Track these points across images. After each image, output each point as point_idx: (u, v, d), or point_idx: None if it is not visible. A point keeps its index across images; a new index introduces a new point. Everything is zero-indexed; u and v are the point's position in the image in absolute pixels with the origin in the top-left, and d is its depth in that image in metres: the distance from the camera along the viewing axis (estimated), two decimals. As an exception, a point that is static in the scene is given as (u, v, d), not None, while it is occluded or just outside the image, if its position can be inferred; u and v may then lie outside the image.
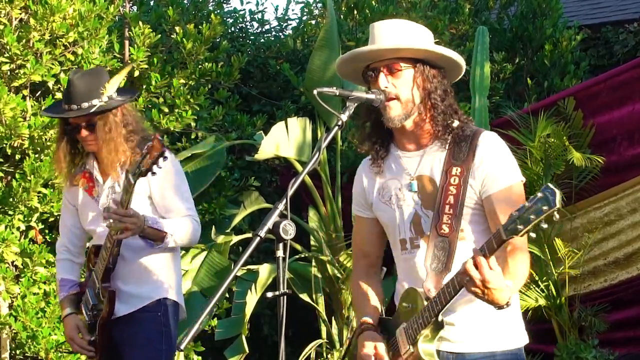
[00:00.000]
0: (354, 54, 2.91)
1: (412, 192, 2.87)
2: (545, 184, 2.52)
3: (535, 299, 5.64)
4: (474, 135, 2.83)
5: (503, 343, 2.85)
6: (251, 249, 2.68)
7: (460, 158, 2.81)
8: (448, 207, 2.79)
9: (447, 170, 2.81)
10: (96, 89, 3.75)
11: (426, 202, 2.85)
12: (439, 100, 2.82)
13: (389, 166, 2.94)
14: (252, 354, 5.95)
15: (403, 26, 2.85)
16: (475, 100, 5.99)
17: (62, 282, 3.98)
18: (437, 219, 2.80)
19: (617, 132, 5.85)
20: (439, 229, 2.79)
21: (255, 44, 7.78)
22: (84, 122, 3.75)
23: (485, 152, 2.80)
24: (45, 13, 5.26)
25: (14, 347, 5.42)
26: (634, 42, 7.68)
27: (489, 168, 2.79)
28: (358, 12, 7.37)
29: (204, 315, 2.66)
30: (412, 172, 2.88)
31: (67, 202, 4.00)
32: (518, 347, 2.89)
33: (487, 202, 2.80)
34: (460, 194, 2.79)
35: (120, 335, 3.80)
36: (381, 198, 2.95)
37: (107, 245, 3.65)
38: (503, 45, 7.50)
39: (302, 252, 6.15)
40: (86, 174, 3.90)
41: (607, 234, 5.84)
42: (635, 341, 5.90)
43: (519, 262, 2.74)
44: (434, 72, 2.83)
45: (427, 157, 2.87)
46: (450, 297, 2.67)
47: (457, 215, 2.78)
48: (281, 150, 6.04)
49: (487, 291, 2.55)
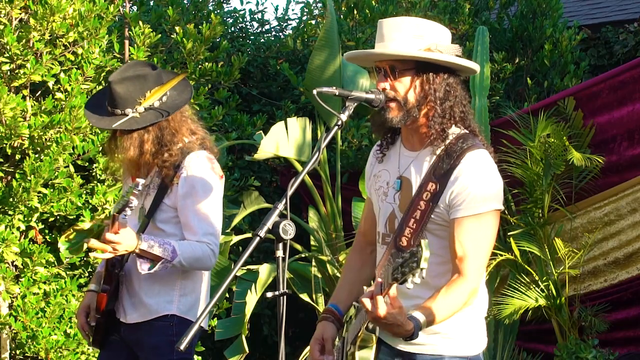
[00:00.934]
0: (357, 55, 2.96)
1: (396, 190, 2.88)
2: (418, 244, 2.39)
3: (535, 299, 5.64)
4: (461, 153, 2.77)
5: (453, 348, 2.85)
6: (251, 249, 2.68)
7: (439, 174, 2.78)
8: (412, 222, 2.79)
9: (423, 184, 2.80)
10: (133, 98, 3.55)
11: (402, 204, 2.86)
12: (437, 103, 2.80)
13: (390, 157, 2.97)
14: (252, 354, 5.96)
15: (410, 26, 2.82)
16: (475, 101, 6.00)
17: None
18: (400, 230, 2.81)
19: (617, 132, 5.85)
20: (399, 240, 2.80)
21: (255, 44, 7.78)
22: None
23: (463, 174, 2.75)
24: (45, 13, 5.26)
25: (14, 347, 5.42)
26: (634, 42, 7.67)
27: (461, 191, 2.74)
28: (358, 12, 7.38)
29: (204, 315, 2.67)
30: (402, 170, 2.90)
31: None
32: (469, 355, 2.87)
33: (451, 224, 2.76)
34: (428, 211, 2.77)
35: (131, 339, 3.80)
36: (373, 185, 3.01)
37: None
38: (503, 45, 7.50)
39: (302, 252, 6.15)
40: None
41: (607, 234, 5.84)
42: (635, 341, 5.90)
43: (450, 293, 2.70)
44: (435, 75, 2.80)
45: (417, 160, 2.87)
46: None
47: (417, 231, 2.77)
48: (281, 150, 6.03)
49: (382, 325, 2.56)
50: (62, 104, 5.36)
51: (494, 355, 5.78)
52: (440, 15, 7.26)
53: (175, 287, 3.69)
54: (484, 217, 2.74)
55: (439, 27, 2.84)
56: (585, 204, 5.89)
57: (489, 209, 2.75)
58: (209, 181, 3.59)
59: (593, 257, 5.88)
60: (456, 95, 2.83)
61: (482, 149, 2.81)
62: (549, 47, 7.23)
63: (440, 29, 2.85)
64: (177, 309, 3.67)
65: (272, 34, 8.35)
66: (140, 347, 3.74)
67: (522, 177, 5.77)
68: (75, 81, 5.41)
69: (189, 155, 3.60)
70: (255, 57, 7.53)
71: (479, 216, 2.73)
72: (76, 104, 5.30)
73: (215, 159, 3.70)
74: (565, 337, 5.77)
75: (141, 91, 3.56)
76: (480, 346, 2.92)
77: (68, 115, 5.28)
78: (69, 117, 5.27)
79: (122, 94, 3.53)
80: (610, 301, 5.88)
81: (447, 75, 2.82)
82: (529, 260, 5.80)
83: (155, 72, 3.64)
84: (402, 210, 2.85)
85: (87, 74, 5.50)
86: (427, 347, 2.85)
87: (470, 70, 2.87)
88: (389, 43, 2.81)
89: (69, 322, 5.36)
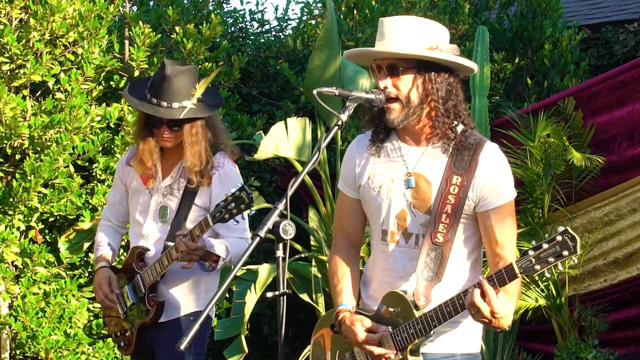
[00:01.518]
0: (360, 53, 2.95)
1: (408, 187, 2.86)
2: (565, 228, 2.52)
3: (535, 299, 5.64)
4: (478, 145, 2.83)
5: (463, 346, 2.88)
6: (251, 248, 2.69)
7: (462, 167, 2.81)
8: (445, 217, 2.80)
9: (447, 178, 2.81)
10: (188, 90, 3.68)
11: (417, 201, 2.85)
12: (440, 102, 2.81)
13: (387, 152, 2.93)
14: (251, 354, 5.95)
15: (412, 25, 2.83)
16: (475, 101, 6.00)
17: (101, 243, 3.97)
18: (432, 227, 2.81)
19: (617, 132, 5.85)
20: (434, 237, 2.80)
21: (255, 44, 7.78)
22: (169, 120, 3.69)
23: (488, 165, 2.81)
24: (45, 13, 5.26)
25: (14, 347, 5.42)
26: (634, 42, 7.67)
27: (490, 183, 2.80)
28: (358, 12, 7.37)
29: (204, 315, 2.67)
30: (411, 167, 2.88)
31: (118, 179, 3.98)
32: (476, 352, 2.92)
33: (484, 217, 2.82)
34: (459, 204, 2.79)
35: (152, 337, 3.81)
36: (370, 183, 2.94)
37: (164, 262, 3.66)
38: (503, 45, 7.50)
39: (302, 252, 6.15)
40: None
41: (607, 234, 5.84)
42: (635, 341, 5.90)
43: (515, 283, 2.74)
44: (436, 74, 2.82)
45: (427, 157, 2.87)
46: (450, 316, 2.70)
47: (452, 225, 2.80)
48: (281, 150, 6.03)
49: (494, 320, 2.59)
50: (62, 104, 5.37)
51: (494, 355, 5.78)
52: (440, 15, 7.26)
53: (202, 284, 3.80)
54: (511, 204, 2.85)
55: (439, 26, 2.85)
56: (585, 204, 5.89)
57: (513, 196, 2.86)
58: (239, 180, 3.73)
59: (593, 257, 5.88)
60: (457, 95, 2.86)
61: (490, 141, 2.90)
62: (549, 47, 7.23)
63: (441, 28, 2.86)
64: (202, 305, 3.78)
65: (272, 34, 8.35)
66: (159, 343, 3.77)
67: (522, 177, 5.77)
68: (75, 81, 5.41)
69: (218, 155, 3.74)
70: (255, 57, 7.53)
71: (508, 204, 2.84)
72: (76, 103, 5.30)
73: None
74: (565, 337, 5.77)
75: (192, 84, 3.69)
76: (479, 346, 2.95)
77: (68, 115, 5.28)
78: (69, 117, 5.27)
79: (178, 86, 3.65)
80: (610, 301, 5.88)
81: (448, 75, 2.84)
82: (529, 260, 5.79)
83: (193, 67, 3.80)
84: (417, 206, 2.84)
85: (87, 74, 5.50)
86: (438, 346, 2.84)
87: (469, 69, 2.89)
88: (392, 41, 2.81)
89: (69, 322, 5.36)
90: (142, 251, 3.82)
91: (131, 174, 3.90)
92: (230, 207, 3.30)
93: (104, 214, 4.10)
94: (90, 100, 5.62)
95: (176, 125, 3.68)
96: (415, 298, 2.78)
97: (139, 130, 3.81)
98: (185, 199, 3.72)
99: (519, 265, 2.52)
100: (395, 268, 2.88)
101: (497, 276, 2.58)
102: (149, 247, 3.80)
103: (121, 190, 3.99)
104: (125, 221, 4.07)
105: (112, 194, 4.05)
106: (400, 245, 2.86)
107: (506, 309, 2.60)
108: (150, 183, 3.82)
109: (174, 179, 3.78)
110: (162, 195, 3.78)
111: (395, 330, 2.80)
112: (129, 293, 3.84)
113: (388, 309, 2.85)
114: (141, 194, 3.86)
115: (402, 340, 2.78)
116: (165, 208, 3.75)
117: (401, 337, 2.78)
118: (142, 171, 3.82)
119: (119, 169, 3.99)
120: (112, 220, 4.04)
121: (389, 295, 2.85)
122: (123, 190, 3.98)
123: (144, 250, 3.81)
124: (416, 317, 2.76)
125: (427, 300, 2.77)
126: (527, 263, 2.50)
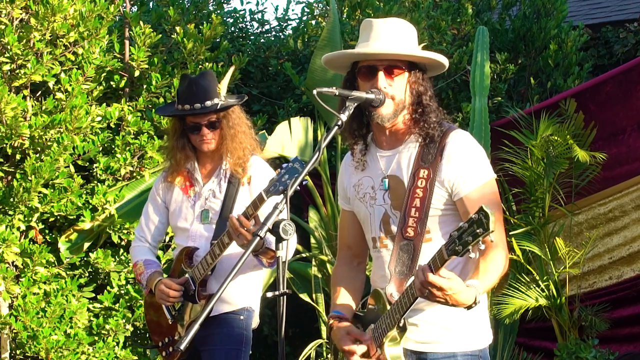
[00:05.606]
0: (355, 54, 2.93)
1: (384, 190, 2.90)
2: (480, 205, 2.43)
3: (536, 298, 5.63)
4: (443, 135, 2.85)
5: (464, 344, 2.88)
6: (251, 248, 2.69)
7: (429, 160, 2.84)
8: (414, 210, 2.82)
9: (414, 173, 2.85)
10: (214, 89, 3.87)
11: (395, 202, 2.88)
12: (430, 101, 2.88)
13: (367, 163, 2.99)
14: (252, 354, 5.94)
15: (398, 27, 2.89)
16: (475, 100, 5.99)
17: (147, 262, 4.01)
18: (403, 222, 2.83)
19: (627, 123, 5.83)
20: (404, 232, 2.83)
21: (255, 44, 7.78)
22: (206, 121, 3.84)
23: (453, 152, 2.82)
24: (46, 13, 5.26)
25: (14, 347, 5.42)
26: (634, 42, 7.66)
27: (458, 169, 2.81)
28: (361, 12, 7.37)
29: (204, 315, 2.67)
30: (386, 170, 2.92)
31: (156, 196, 4.06)
32: (480, 349, 2.91)
33: (460, 204, 2.82)
34: (427, 197, 2.81)
35: (199, 335, 3.82)
36: (357, 194, 3.00)
37: (215, 252, 3.71)
38: (505, 45, 7.48)
39: (302, 252, 6.15)
40: (184, 172, 3.96)
41: (611, 231, 5.84)
42: (636, 340, 5.89)
43: (489, 262, 2.72)
44: (422, 73, 2.89)
45: (399, 157, 2.91)
46: (411, 301, 2.69)
47: (422, 218, 2.80)
48: (286, 150, 6.06)
49: (448, 298, 2.57)
50: (62, 104, 5.37)
51: (494, 355, 5.78)
52: (443, 16, 7.26)
53: (252, 280, 3.90)
54: (487, 186, 2.82)
55: (411, 26, 2.93)
56: (587, 203, 5.89)
57: (489, 177, 2.84)
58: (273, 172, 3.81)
59: (598, 254, 5.88)
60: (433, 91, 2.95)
61: (459, 128, 2.91)
62: (554, 47, 7.20)
63: (412, 28, 2.94)
64: (251, 302, 3.90)
65: (272, 34, 8.35)
66: (207, 340, 3.80)
67: (522, 177, 5.77)
68: (75, 81, 5.42)
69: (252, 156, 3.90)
70: (255, 57, 7.53)
71: (482, 186, 2.81)
72: (77, 103, 5.30)
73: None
74: (565, 336, 5.77)
75: (215, 83, 3.90)
76: (487, 340, 2.94)
77: (69, 115, 5.28)
78: (70, 117, 5.28)
79: (205, 87, 3.84)
80: (615, 299, 5.87)
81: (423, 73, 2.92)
82: (529, 259, 5.80)
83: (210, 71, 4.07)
84: (396, 207, 2.87)
85: (88, 74, 5.51)
86: (438, 345, 2.86)
87: (442, 68, 2.98)
88: (390, 42, 2.85)
89: (69, 322, 5.35)
90: (191, 251, 3.90)
91: (171, 188, 4.00)
92: (284, 179, 3.32)
93: (138, 234, 4.13)
94: (91, 100, 5.62)
95: (214, 125, 3.84)
96: (387, 295, 2.82)
97: (175, 141, 3.94)
98: (227, 201, 3.83)
99: (446, 249, 2.50)
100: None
101: (432, 262, 2.57)
102: (197, 247, 3.88)
103: (161, 209, 4.06)
104: (161, 241, 4.19)
105: (149, 213, 4.09)
106: (390, 249, 2.89)
107: (457, 284, 2.55)
108: (192, 191, 3.94)
109: (214, 183, 3.89)
110: (205, 199, 3.89)
111: (374, 326, 2.86)
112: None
113: (369, 305, 2.93)
114: (184, 203, 3.96)
115: (378, 336, 2.83)
116: (207, 211, 3.86)
117: (378, 332, 2.83)
118: (182, 181, 3.95)
119: (156, 189, 4.07)
120: (149, 241, 4.09)
121: (373, 293, 2.93)
122: (162, 208, 4.05)
123: (193, 249, 3.89)
124: (387, 311, 2.81)
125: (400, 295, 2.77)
126: (452, 245, 2.48)
